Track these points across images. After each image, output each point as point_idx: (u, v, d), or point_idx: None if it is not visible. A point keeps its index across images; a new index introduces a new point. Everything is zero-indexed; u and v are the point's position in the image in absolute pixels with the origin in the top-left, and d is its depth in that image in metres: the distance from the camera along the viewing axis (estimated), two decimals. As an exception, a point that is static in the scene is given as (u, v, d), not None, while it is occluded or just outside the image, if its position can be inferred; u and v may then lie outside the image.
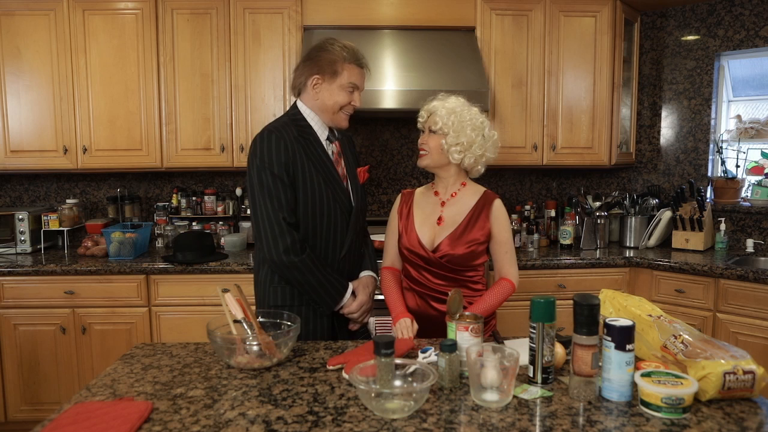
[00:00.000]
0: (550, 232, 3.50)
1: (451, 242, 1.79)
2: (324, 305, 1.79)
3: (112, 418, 1.13)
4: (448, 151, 1.79)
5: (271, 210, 1.69)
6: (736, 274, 2.73)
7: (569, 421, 1.14)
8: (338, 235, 1.82)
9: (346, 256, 1.85)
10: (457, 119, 1.77)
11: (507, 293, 1.82)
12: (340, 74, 1.74)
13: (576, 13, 3.26)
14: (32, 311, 2.86)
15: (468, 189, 1.87)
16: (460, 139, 1.77)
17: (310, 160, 1.74)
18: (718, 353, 1.24)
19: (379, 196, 3.64)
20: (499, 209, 1.83)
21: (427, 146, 1.82)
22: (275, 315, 1.61)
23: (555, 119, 3.30)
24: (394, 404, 1.17)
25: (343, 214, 1.81)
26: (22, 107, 3.09)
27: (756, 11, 3.24)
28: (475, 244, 1.79)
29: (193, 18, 3.09)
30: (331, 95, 1.76)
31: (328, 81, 1.75)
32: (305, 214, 1.75)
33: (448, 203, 1.86)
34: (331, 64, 1.74)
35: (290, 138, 1.73)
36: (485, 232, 1.80)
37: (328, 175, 1.78)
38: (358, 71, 1.78)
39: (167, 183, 3.57)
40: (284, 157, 1.70)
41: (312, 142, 1.78)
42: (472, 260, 1.82)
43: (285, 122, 1.79)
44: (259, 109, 3.15)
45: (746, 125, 3.44)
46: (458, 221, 1.82)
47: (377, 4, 3.15)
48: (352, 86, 1.76)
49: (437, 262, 1.81)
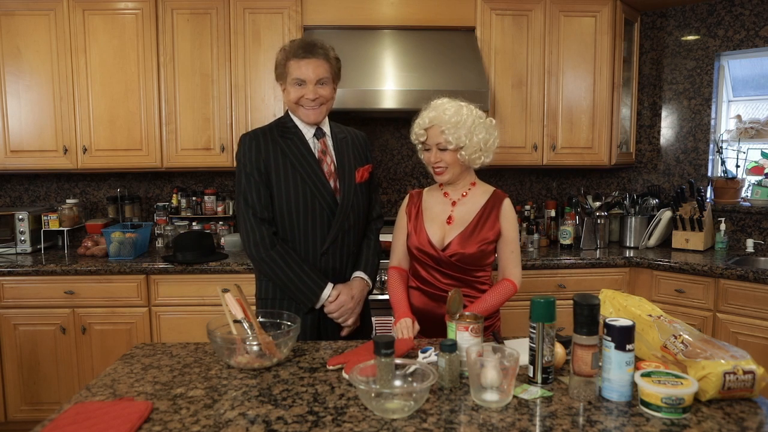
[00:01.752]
0: (550, 232, 3.50)
1: (462, 241, 1.79)
2: (300, 302, 1.81)
3: (112, 418, 1.13)
4: (470, 160, 1.78)
5: (243, 207, 1.81)
6: (736, 274, 2.73)
7: (569, 421, 1.14)
8: (317, 230, 1.84)
9: (328, 252, 1.86)
10: (465, 129, 1.74)
11: (508, 294, 1.81)
12: (287, 74, 1.81)
13: (576, 13, 3.26)
14: (32, 311, 2.86)
15: (478, 188, 1.87)
16: (476, 145, 1.76)
17: (288, 158, 1.81)
18: (718, 353, 1.24)
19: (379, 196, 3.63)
20: (509, 208, 1.84)
21: (443, 162, 1.78)
22: (275, 315, 1.61)
23: (555, 119, 3.30)
24: (394, 404, 1.17)
25: (324, 210, 1.83)
26: (22, 107, 3.09)
27: (756, 11, 3.24)
28: (486, 243, 1.79)
29: (193, 18, 3.09)
30: (288, 95, 1.84)
31: (284, 84, 1.84)
32: (280, 209, 1.82)
33: (458, 203, 1.86)
34: (281, 66, 1.83)
35: (266, 139, 1.83)
36: (496, 231, 1.81)
37: (309, 172, 1.82)
38: (299, 63, 1.79)
39: (167, 183, 3.57)
40: (255, 156, 1.80)
41: (295, 141, 1.84)
42: (482, 260, 1.82)
43: (269, 126, 1.90)
44: (259, 109, 3.15)
45: (746, 125, 3.44)
46: (468, 220, 1.81)
47: (377, 4, 3.15)
48: (298, 81, 1.79)
49: (447, 261, 1.80)
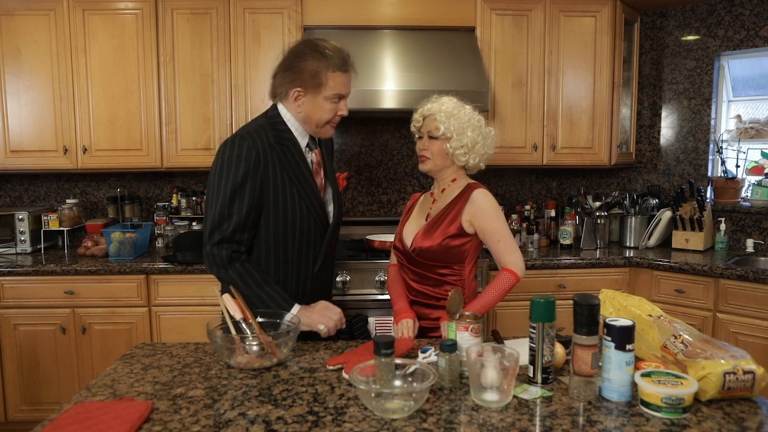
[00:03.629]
0: (550, 232, 3.50)
1: (423, 234, 1.78)
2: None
3: (112, 418, 1.13)
4: (453, 154, 1.78)
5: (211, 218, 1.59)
6: (736, 274, 2.73)
7: (569, 421, 1.14)
8: (311, 248, 1.70)
9: (320, 270, 1.75)
10: (457, 122, 1.76)
11: (507, 284, 1.74)
12: (324, 86, 1.59)
13: (576, 13, 3.26)
14: (32, 311, 2.86)
15: (456, 183, 1.85)
16: (463, 141, 1.76)
17: (285, 170, 1.62)
18: (718, 353, 1.24)
19: (379, 196, 3.64)
20: (480, 199, 1.75)
21: (428, 152, 1.80)
22: (275, 315, 1.61)
23: (555, 119, 3.30)
24: (394, 404, 1.17)
25: (317, 227, 1.70)
26: (22, 107, 3.09)
27: (756, 11, 3.24)
28: (449, 237, 1.74)
29: (193, 18, 3.09)
30: (316, 109, 1.62)
31: (312, 94, 1.61)
32: (276, 226, 1.63)
33: (438, 200, 1.86)
34: (315, 75, 1.59)
35: (264, 144, 1.59)
36: (457, 225, 1.75)
37: (305, 186, 1.66)
38: (344, 78, 1.62)
39: (167, 183, 3.57)
40: (253, 166, 1.57)
41: (290, 149, 1.64)
42: (447, 256, 1.76)
43: (261, 125, 1.65)
44: (259, 109, 3.10)
45: (746, 125, 3.44)
46: (435, 214, 1.81)
47: (377, 4, 3.15)
48: (338, 97, 1.62)
49: (410, 255, 1.81)
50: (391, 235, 3.22)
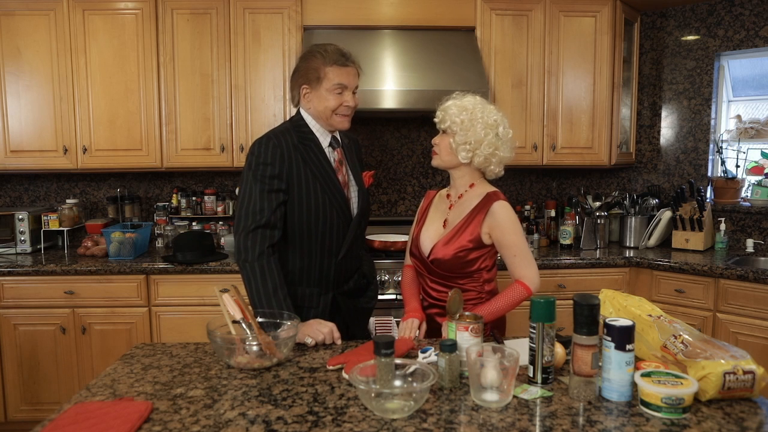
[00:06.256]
0: (550, 232, 3.50)
1: (443, 246, 1.76)
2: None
3: (112, 418, 1.13)
4: (456, 150, 1.73)
5: (243, 214, 1.71)
6: (736, 274, 2.73)
7: (569, 421, 1.14)
8: (334, 240, 1.82)
9: (345, 258, 1.86)
10: (467, 117, 1.71)
11: (517, 296, 1.72)
12: (323, 79, 1.74)
13: (576, 13, 3.26)
14: (32, 311, 2.86)
15: (475, 190, 1.80)
16: (469, 137, 1.71)
17: (308, 167, 1.77)
18: (718, 353, 1.24)
19: (379, 196, 3.64)
20: (500, 211, 1.73)
21: (438, 147, 1.78)
22: (275, 315, 1.61)
23: (555, 119, 3.30)
24: (394, 404, 1.17)
25: (340, 220, 1.82)
26: (22, 107, 3.09)
27: (756, 11, 3.24)
28: (463, 250, 1.73)
29: (193, 18, 3.09)
30: (321, 101, 1.76)
31: (315, 88, 1.76)
32: (300, 219, 1.77)
33: (455, 205, 1.82)
34: (314, 70, 1.75)
35: (289, 144, 1.75)
36: (475, 238, 1.73)
37: (328, 182, 1.79)
38: (342, 70, 1.75)
39: (167, 183, 3.57)
40: (279, 164, 1.72)
41: (313, 148, 1.79)
42: (463, 267, 1.75)
43: (287, 127, 1.82)
44: (259, 109, 3.15)
45: (746, 125, 3.44)
46: (455, 224, 1.78)
47: (377, 4, 3.15)
48: (339, 87, 1.74)
49: (429, 266, 1.79)
50: (391, 235, 3.23)
